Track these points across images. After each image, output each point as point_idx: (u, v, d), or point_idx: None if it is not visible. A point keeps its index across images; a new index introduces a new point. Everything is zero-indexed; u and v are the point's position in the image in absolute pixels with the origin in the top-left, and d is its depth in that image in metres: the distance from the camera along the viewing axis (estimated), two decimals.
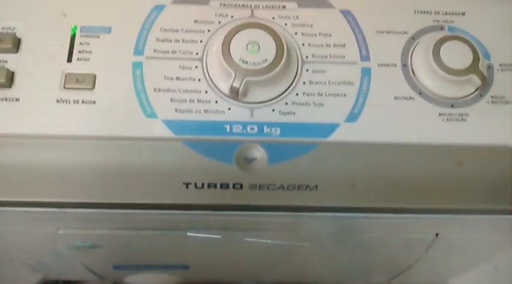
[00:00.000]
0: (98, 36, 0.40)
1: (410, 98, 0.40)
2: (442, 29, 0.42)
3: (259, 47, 0.38)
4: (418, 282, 0.53)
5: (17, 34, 0.39)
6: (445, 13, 0.42)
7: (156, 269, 0.50)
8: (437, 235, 0.43)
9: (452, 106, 0.40)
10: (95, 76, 0.39)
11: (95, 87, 0.38)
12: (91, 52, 0.39)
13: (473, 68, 0.39)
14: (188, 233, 0.43)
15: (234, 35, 0.38)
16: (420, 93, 0.40)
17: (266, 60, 0.37)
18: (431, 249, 0.44)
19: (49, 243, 0.45)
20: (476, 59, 0.39)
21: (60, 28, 0.40)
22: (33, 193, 0.38)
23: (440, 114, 0.39)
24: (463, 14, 0.43)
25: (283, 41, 0.38)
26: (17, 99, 0.38)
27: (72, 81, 0.38)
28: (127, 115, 0.38)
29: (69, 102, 0.38)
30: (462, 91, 0.40)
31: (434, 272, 0.50)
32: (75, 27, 0.40)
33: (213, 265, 0.50)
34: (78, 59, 0.39)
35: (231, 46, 0.38)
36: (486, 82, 0.40)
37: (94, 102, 0.38)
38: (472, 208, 0.39)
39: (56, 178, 0.37)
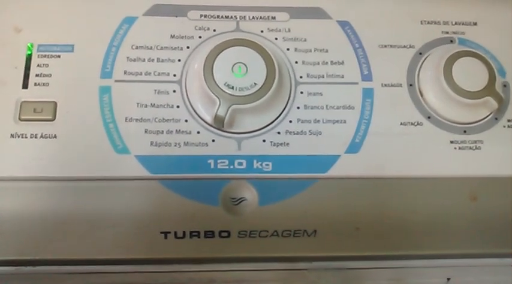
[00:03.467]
0: (59, 56, 0.35)
1: (418, 124, 0.36)
2: (452, 41, 0.38)
3: (246, 69, 0.33)
4: None
5: None
6: (455, 23, 0.39)
7: None
8: (448, 279, 0.39)
9: (465, 132, 0.36)
10: (56, 104, 0.34)
11: (56, 118, 0.33)
12: (50, 75, 0.34)
13: (489, 89, 0.35)
14: None
15: (217, 55, 0.33)
16: (429, 118, 0.36)
17: (255, 84, 0.33)
18: None
19: None
20: (492, 78, 0.35)
21: (14, 47, 0.35)
22: None
23: (452, 142, 0.36)
24: (475, 23, 0.39)
25: (274, 60, 0.34)
26: None
27: (29, 111, 0.33)
28: (94, 152, 0.33)
29: (26, 137, 0.33)
30: (476, 115, 0.36)
31: None
32: (32, 46, 0.35)
33: None
34: (35, 84, 0.34)
35: (214, 68, 0.33)
36: (503, 105, 0.36)
37: (55, 136, 0.33)
38: (487, 252, 0.35)
39: (11, 230, 0.32)
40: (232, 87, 0.32)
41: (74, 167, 0.32)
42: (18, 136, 0.33)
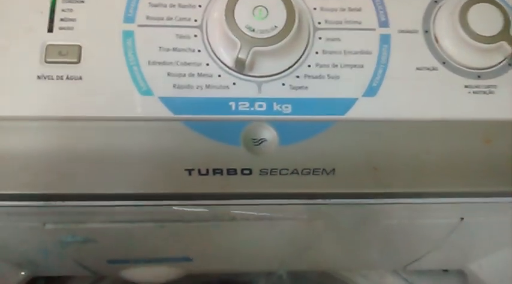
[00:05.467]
0: (82, 1, 0.35)
1: (433, 69, 0.36)
2: None
3: (267, 12, 0.34)
4: (437, 266, 0.51)
5: None
6: None
7: (155, 262, 0.46)
8: (462, 219, 0.40)
9: (479, 77, 0.37)
10: (81, 47, 0.34)
11: (81, 61, 0.34)
12: (75, 20, 0.35)
13: (504, 34, 0.36)
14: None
15: None
16: (444, 63, 0.36)
17: (276, 27, 0.33)
18: (453, 234, 0.42)
19: (35, 239, 0.40)
20: (507, 23, 0.36)
21: None
22: (14, 184, 0.33)
23: (466, 86, 0.36)
24: None
25: (294, 4, 0.34)
26: None
27: (55, 54, 0.34)
28: (119, 93, 0.34)
29: (52, 78, 0.34)
30: (490, 61, 0.37)
31: (453, 257, 0.48)
32: None
33: (217, 256, 0.46)
34: (60, 28, 0.35)
35: (235, 11, 0.33)
36: None
37: (80, 77, 0.34)
38: (500, 190, 0.36)
39: (40, 167, 0.33)
40: (253, 30, 0.33)
41: (99, 107, 0.33)
42: (45, 78, 0.33)
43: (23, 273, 0.45)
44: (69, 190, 0.33)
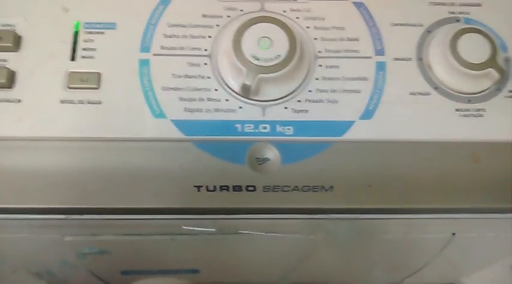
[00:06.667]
0: (102, 33, 0.38)
1: (426, 94, 0.38)
2: (458, 21, 0.41)
3: (271, 42, 0.36)
4: (431, 281, 0.52)
5: (17, 31, 0.37)
6: (461, 4, 0.41)
7: (165, 274, 0.49)
8: (453, 234, 0.42)
9: (469, 101, 0.39)
10: (100, 74, 0.37)
11: (100, 86, 0.37)
12: (95, 49, 0.38)
13: (492, 61, 0.38)
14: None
15: (245, 30, 0.37)
16: (436, 88, 0.39)
17: (279, 56, 0.36)
18: (447, 249, 0.44)
19: (54, 251, 0.43)
20: (494, 52, 0.38)
21: (62, 24, 0.38)
22: (37, 199, 0.36)
23: (457, 110, 0.38)
24: (479, 5, 0.41)
25: (295, 35, 0.37)
26: (19, 100, 0.36)
27: (76, 81, 0.37)
28: (135, 116, 0.36)
29: (74, 103, 0.36)
30: (479, 86, 0.39)
31: (448, 271, 0.49)
32: (78, 24, 0.38)
33: (224, 269, 0.49)
34: (82, 57, 0.37)
35: (242, 41, 0.36)
36: (504, 76, 0.39)
37: (100, 102, 0.36)
38: (489, 207, 0.38)
39: (61, 183, 0.36)
40: (258, 59, 0.36)
41: (117, 129, 0.36)
42: (67, 102, 0.36)
43: (41, 283, 0.48)
44: (87, 205, 0.36)
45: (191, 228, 0.40)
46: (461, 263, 0.48)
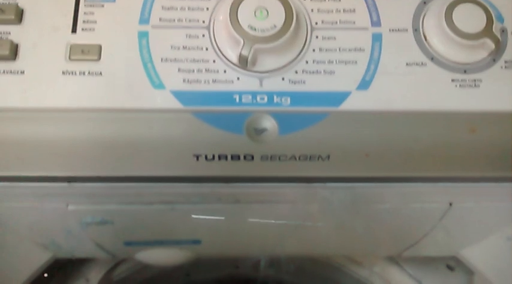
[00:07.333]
0: (102, 5, 0.39)
1: (422, 64, 0.39)
2: None
3: (267, 13, 0.37)
4: (430, 253, 0.53)
5: (19, 4, 0.38)
6: None
7: (167, 244, 0.50)
8: (450, 204, 0.42)
9: (465, 72, 0.39)
10: (101, 47, 0.38)
11: (101, 58, 0.37)
12: (95, 22, 0.38)
13: (487, 31, 0.38)
14: (193, 216, 0.44)
15: (241, 1, 0.37)
16: (432, 59, 0.39)
17: (275, 26, 0.36)
18: (444, 219, 0.44)
19: (59, 220, 0.44)
20: (489, 21, 0.38)
21: None
22: (41, 167, 0.38)
23: (453, 80, 0.39)
24: None
25: (292, 6, 0.37)
26: (22, 72, 0.37)
27: (78, 52, 0.37)
28: (134, 87, 0.37)
29: (75, 74, 0.37)
30: (475, 56, 0.39)
31: (446, 243, 0.50)
32: None
33: (225, 240, 0.49)
34: (82, 29, 0.38)
35: (238, 12, 0.36)
36: (500, 46, 0.39)
37: (100, 73, 0.37)
38: (485, 175, 0.39)
39: (64, 152, 0.37)
40: (255, 29, 0.36)
41: (116, 100, 0.37)
42: (69, 73, 0.37)
43: (46, 254, 0.49)
44: (89, 173, 0.37)
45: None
46: (459, 235, 0.48)
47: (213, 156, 0.37)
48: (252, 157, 0.37)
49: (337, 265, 0.70)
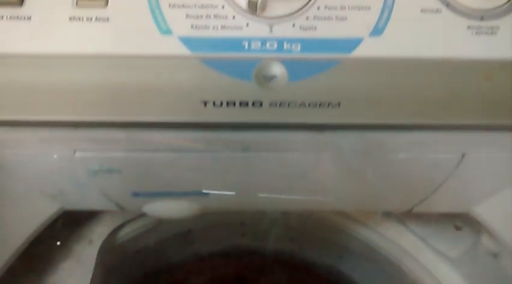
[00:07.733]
0: None
1: (437, 11, 0.38)
2: None
3: None
4: (441, 209, 0.52)
5: None
6: None
7: (174, 196, 0.50)
8: (463, 155, 0.41)
9: (481, 18, 0.38)
10: None
11: (108, 4, 0.37)
12: None
13: None
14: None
15: None
16: (448, 5, 0.38)
17: None
18: (456, 171, 0.43)
19: (66, 168, 0.44)
20: None
21: None
22: (48, 112, 0.37)
23: (469, 27, 0.37)
24: None
25: None
26: (29, 18, 0.36)
27: None
28: (142, 33, 0.36)
29: (82, 20, 0.36)
30: (493, 2, 0.38)
31: (458, 198, 0.49)
32: None
33: (231, 190, 0.49)
34: None
35: None
36: None
37: (107, 19, 0.36)
38: (499, 123, 0.38)
39: (71, 98, 0.37)
40: None
41: (124, 46, 0.36)
42: (76, 19, 0.36)
43: (54, 205, 0.49)
44: (97, 118, 0.37)
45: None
46: (472, 189, 0.47)
47: (221, 103, 0.37)
48: (261, 104, 0.37)
49: (341, 227, 0.70)
